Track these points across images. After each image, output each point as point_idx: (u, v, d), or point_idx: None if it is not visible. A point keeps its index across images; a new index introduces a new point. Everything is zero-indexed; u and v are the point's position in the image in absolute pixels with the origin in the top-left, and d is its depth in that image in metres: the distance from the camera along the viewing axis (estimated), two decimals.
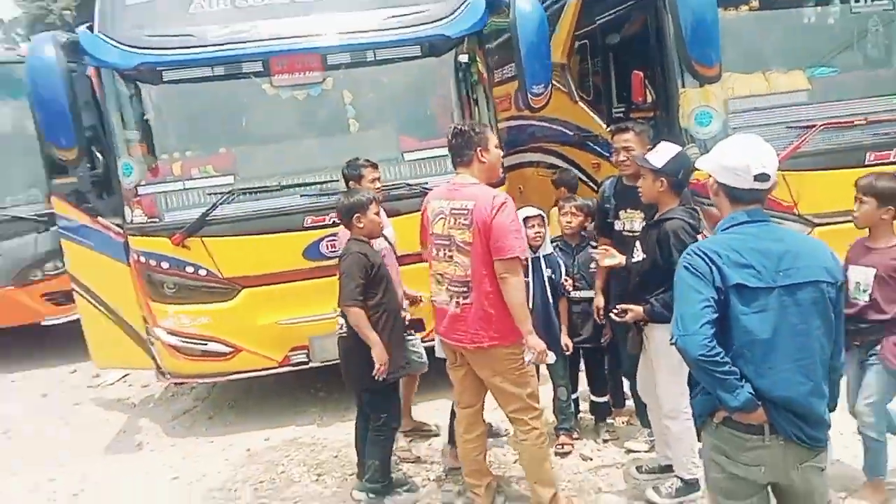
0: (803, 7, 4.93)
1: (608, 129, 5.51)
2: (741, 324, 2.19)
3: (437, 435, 4.67)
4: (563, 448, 4.34)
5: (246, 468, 4.72)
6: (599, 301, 4.16)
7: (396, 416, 4.00)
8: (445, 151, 4.31)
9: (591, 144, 6.21)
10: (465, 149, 3.40)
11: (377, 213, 3.88)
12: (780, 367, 2.20)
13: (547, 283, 4.16)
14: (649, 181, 3.39)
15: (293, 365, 5.20)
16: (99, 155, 5.88)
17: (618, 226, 3.92)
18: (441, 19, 4.92)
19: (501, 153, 3.61)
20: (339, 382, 4.39)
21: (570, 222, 4.46)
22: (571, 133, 6.64)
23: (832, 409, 2.37)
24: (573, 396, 4.54)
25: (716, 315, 2.19)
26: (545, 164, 7.37)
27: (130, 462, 5.05)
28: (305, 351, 5.15)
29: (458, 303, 3.44)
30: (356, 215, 3.82)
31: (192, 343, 5.11)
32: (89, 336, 5.66)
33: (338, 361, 4.17)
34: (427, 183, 4.96)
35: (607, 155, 5.23)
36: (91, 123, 5.39)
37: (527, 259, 3.60)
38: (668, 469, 3.82)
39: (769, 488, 2.39)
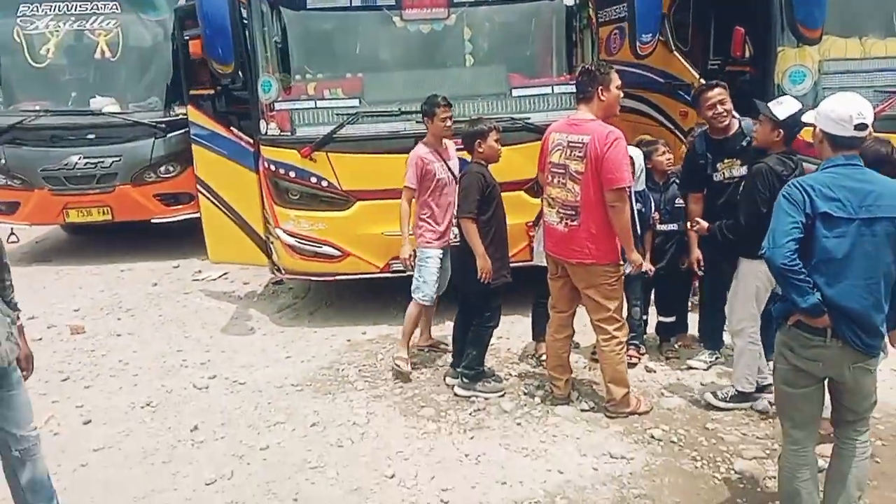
0: None
1: (700, 80, 5.89)
2: (822, 244, 2.69)
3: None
4: (630, 360, 4.85)
5: (349, 354, 5.41)
6: (697, 254, 4.60)
7: (496, 315, 4.61)
8: (549, 90, 4.87)
9: (682, 93, 6.55)
10: (588, 86, 3.88)
11: (496, 141, 4.41)
12: (849, 282, 2.70)
13: (637, 216, 4.65)
14: (767, 129, 3.81)
15: (392, 272, 5.82)
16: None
17: (717, 177, 4.34)
18: None
19: (621, 94, 4.02)
20: None
21: (669, 159, 4.93)
22: (663, 81, 6.98)
23: (893, 326, 2.85)
24: (644, 317, 5.09)
25: (801, 235, 2.69)
26: (632, 109, 7.71)
27: (247, 340, 5.79)
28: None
29: (567, 224, 3.99)
30: (478, 141, 4.37)
31: (308, 245, 5.78)
32: (208, 233, 6.38)
33: None
34: (529, 118, 5.47)
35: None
36: None
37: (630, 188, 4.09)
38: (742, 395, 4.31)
39: (825, 382, 2.91)
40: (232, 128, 6.08)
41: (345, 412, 4.48)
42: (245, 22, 5.49)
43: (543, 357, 4.86)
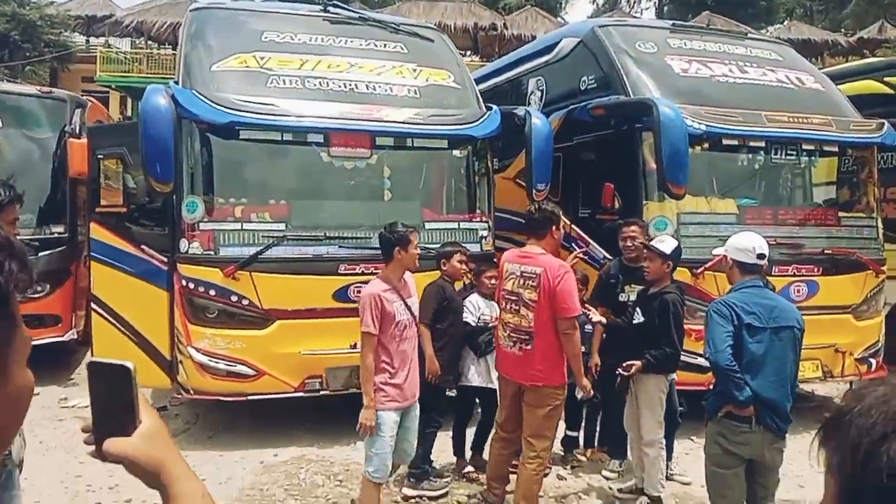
0: (738, 153, 6.63)
1: (571, 225, 6.92)
2: (748, 349, 3.46)
3: None
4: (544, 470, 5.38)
5: (267, 475, 5.39)
6: (596, 359, 5.31)
7: (442, 415, 5.01)
8: (456, 225, 5.60)
9: None
10: (544, 224, 4.47)
11: (461, 262, 5.04)
12: (767, 378, 3.47)
13: None
14: (658, 263, 4.67)
15: (306, 391, 5.97)
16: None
17: (622, 297, 5.17)
18: (469, 122, 6.21)
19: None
20: (325, 412, 5.61)
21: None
22: None
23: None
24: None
25: (732, 342, 3.45)
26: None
27: None
28: (320, 379, 5.95)
29: (521, 347, 4.45)
30: (442, 260, 4.96)
31: (222, 363, 5.81)
32: (99, 353, 6.17)
33: (342, 391, 5.39)
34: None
35: (567, 246, 6.54)
36: None
37: None
38: (639, 491, 4.94)
39: (746, 464, 3.62)
40: (143, 246, 6.12)
41: None
42: None
43: (467, 471, 5.23)
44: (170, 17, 27.15)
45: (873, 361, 6.93)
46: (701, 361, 4.55)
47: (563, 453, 5.72)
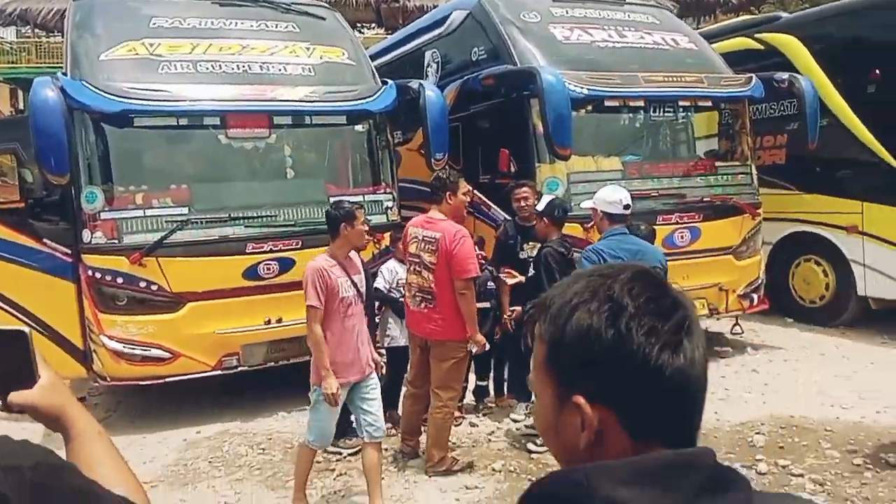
0: (619, 113, 7.08)
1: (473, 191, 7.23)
2: None
3: None
4: (456, 421, 5.70)
5: (191, 451, 5.53)
6: (508, 311, 5.59)
7: None
8: (361, 198, 5.83)
9: None
10: (439, 190, 4.76)
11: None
12: None
13: None
14: (539, 222, 5.05)
15: (224, 369, 6.11)
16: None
17: (522, 255, 5.54)
18: (366, 97, 6.40)
19: (467, 199, 4.94)
20: (242, 390, 5.92)
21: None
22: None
23: None
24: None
25: None
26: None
27: None
28: (236, 357, 6.11)
29: (425, 305, 4.76)
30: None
31: (136, 349, 5.88)
32: None
33: (260, 366, 5.82)
34: None
35: (470, 211, 6.86)
36: None
37: None
38: None
39: None
40: (45, 240, 6.09)
41: (211, 497, 4.70)
42: None
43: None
44: (56, 3, 25.91)
45: (755, 297, 7.57)
46: None
47: (475, 402, 6.08)
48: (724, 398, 6.05)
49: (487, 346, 5.00)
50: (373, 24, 27.91)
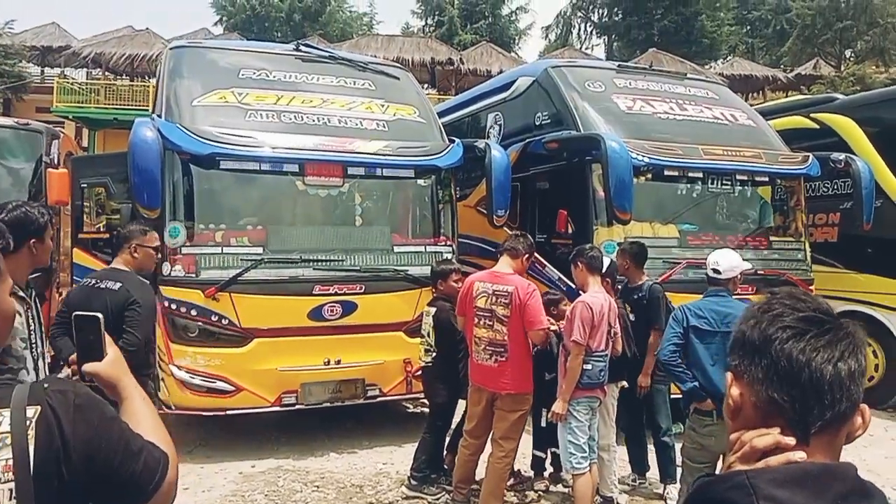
0: (678, 183, 7.29)
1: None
2: (693, 347, 3.99)
3: None
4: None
5: (247, 483, 5.71)
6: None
7: (447, 424, 5.56)
8: (423, 249, 6.09)
9: None
10: (520, 248, 4.96)
11: (456, 281, 5.47)
12: (720, 375, 3.99)
13: None
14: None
15: (282, 405, 6.33)
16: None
17: None
18: (434, 154, 6.73)
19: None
20: (296, 427, 6.02)
21: None
22: (492, 249, 8.50)
23: None
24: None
25: (681, 341, 3.97)
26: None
27: None
28: (295, 394, 6.33)
29: (496, 359, 4.84)
30: (439, 280, 5.58)
31: (202, 380, 6.14)
32: None
33: (317, 405, 6.10)
34: (408, 271, 6.56)
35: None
36: None
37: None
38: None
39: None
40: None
41: None
42: None
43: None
44: (128, 48, 27.37)
45: None
46: None
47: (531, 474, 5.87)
48: None
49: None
50: (427, 85, 28.76)
